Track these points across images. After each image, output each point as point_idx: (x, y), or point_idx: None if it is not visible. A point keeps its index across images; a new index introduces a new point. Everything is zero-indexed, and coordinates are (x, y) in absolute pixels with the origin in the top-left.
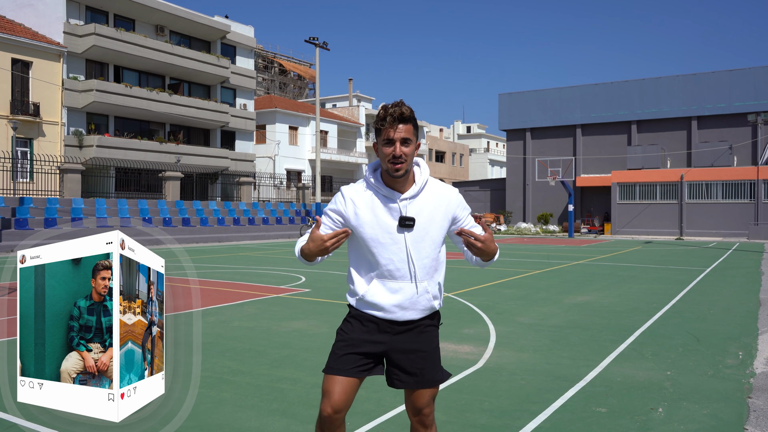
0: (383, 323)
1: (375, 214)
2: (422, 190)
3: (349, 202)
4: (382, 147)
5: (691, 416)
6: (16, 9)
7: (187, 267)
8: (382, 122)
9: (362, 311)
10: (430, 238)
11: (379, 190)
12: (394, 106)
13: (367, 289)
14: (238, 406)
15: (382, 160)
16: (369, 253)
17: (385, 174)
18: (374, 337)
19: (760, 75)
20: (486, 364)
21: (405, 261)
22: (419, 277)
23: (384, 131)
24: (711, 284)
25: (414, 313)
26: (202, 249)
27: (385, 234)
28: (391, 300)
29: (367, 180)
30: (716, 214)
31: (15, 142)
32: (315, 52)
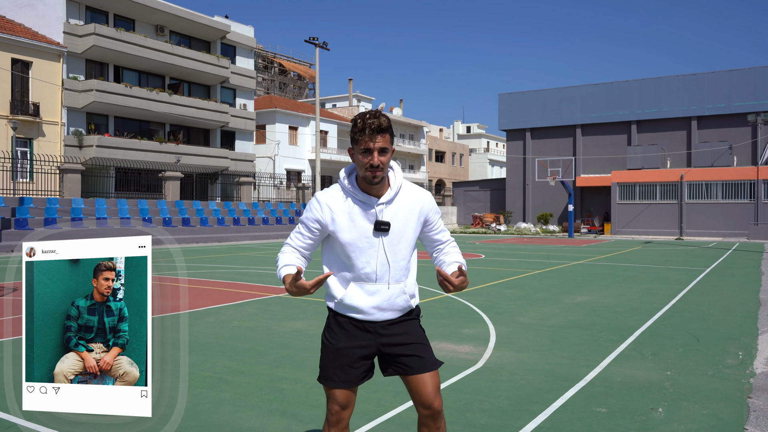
0: (364, 325)
1: (352, 219)
2: (397, 194)
3: (326, 208)
4: (359, 155)
5: (691, 416)
6: (16, 9)
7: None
8: (361, 133)
9: (342, 314)
10: (405, 240)
11: (356, 196)
12: (372, 117)
13: (345, 292)
14: (238, 406)
15: (358, 167)
16: (345, 257)
17: (360, 179)
18: (359, 340)
19: (760, 75)
20: (486, 364)
21: (382, 264)
22: (395, 278)
23: (362, 141)
24: (711, 284)
25: (392, 314)
26: (202, 249)
27: (363, 238)
28: (369, 302)
29: (343, 185)
30: (716, 214)
31: (15, 142)
32: (315, 52)
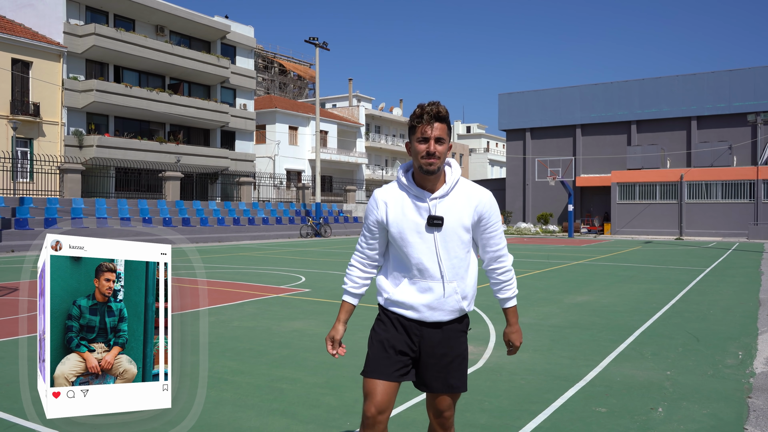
0: (412, 325)
1: (404, 214)
2: (452, 189)
3: (382, 204)
4: (416, 144)
5: (691, 416)
6: (16, 9)
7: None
8: (419, 119)
9: (391, 310)
10: (458, 238)
11: (410, 190)
12: (431, 105)
13: (396, 288)
14: (238, 406)
15: (414, 157)
16: (400, 251)
17: (417, 173)
18: (406, 339)
19: (760, 75)
20: (486, 364)
21: (434, 261)
22: (448, 278)
23: (419, 128)
24: (711, 284)
25: (443, 314)
26: (202, 249)
27: (414, 233)
28: (420, 299)
29: (399, 181)
30: (716, 214)
31: (15, 142)
32: (315, 52)
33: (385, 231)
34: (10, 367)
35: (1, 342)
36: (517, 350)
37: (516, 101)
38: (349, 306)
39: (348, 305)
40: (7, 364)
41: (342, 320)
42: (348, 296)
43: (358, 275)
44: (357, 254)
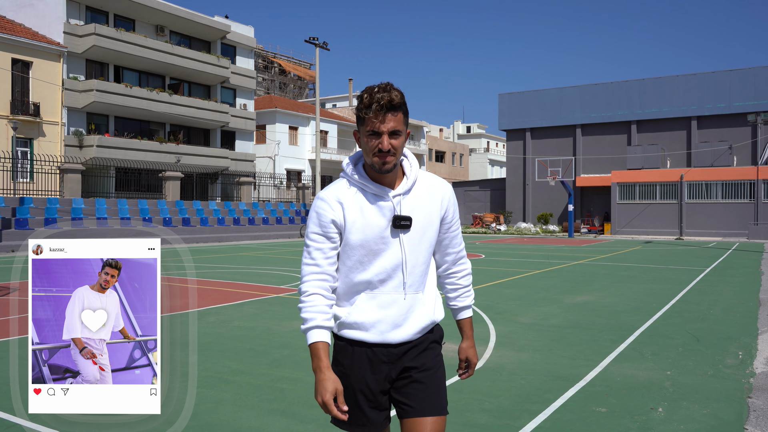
0: (376, 351)
1: (364, 216)
2: (415, 183)
3: (337, 205)
4: (366, 138)
5: (691, 416)
6: (16, 9)
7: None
8: (367, 110)
9: (348, 338)
10: (428, 239)
11: (366, 187)
12: (382, 91)
13: (351, 307)
14: (238, 405)
15: (365, 152)
16: (357, 262)
17: (369, 168)
18: (372, 376)
19: (760, 75)
20: (486, 364)
21: (399, 268)
22: (414, 287)
23: (368, 121)
24: (711, 284)
25: (409, 331)
26: (202, 249)
27: (378, 238)
28: (382, 316)
29: (349, 176)
30: (716, 214)
31: (15, 142)
32: (315, 52)
33: (341, 238)
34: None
35: (1, 342)
36: (473, 371)
37: (516, 101)
38: (326, 346)
39: (325, 345)
40: (8, 364)
41: (329, 366)
42: (321, 333)
43: (325, 302)
44: (314, 276)
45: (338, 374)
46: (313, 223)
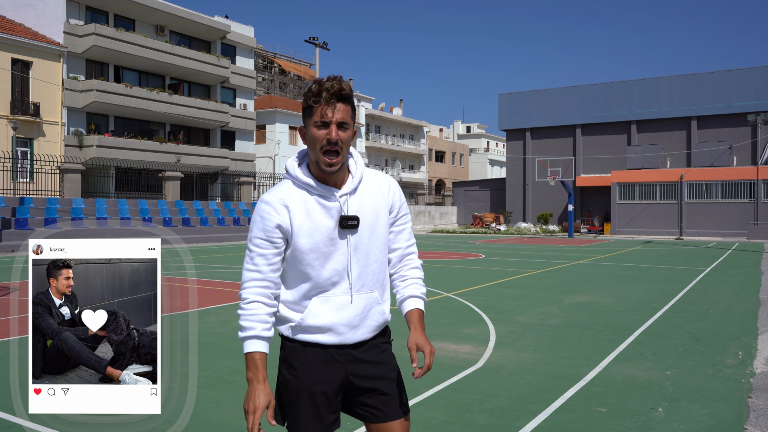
0: (332, 351)
1: (311, 218)
2: (361, 182)
3: (282, 210)
4: (313, 129)
5: (691, 416)
6: (16, 9)
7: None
8: (316, 98)
9: (302, 340)
10: (378, 238)
11: (312, 189)
12: (331, 80)
13: (306, 311)
14: (238, 405)
15: (311, 147)
16: (307, 266)
17: (313, 167)
18: (327, 376)
19: (760, 75)
20: (486, 364)
21: (350, 269)
22: (368, 287)
23: (317, 110)
24: (711, 284)
25: (365, 331)
26: (202, 249)
27: (326, 240)
28: (337, 318)
29: (293, 177)
30: (716, 214)
31: (15, 142)
32: (315, 52)
33: (286, 244)
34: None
35: (1, 342)
36: (431, 364)
37: (516, 101)
38: (264, 357)
39: (263, 356)
40: (8, 364)
41: (265, 378)
42: (260, 343)
43: (266, 311)
44: (255, 282)
45: (289, 377)
46: (257, 228)
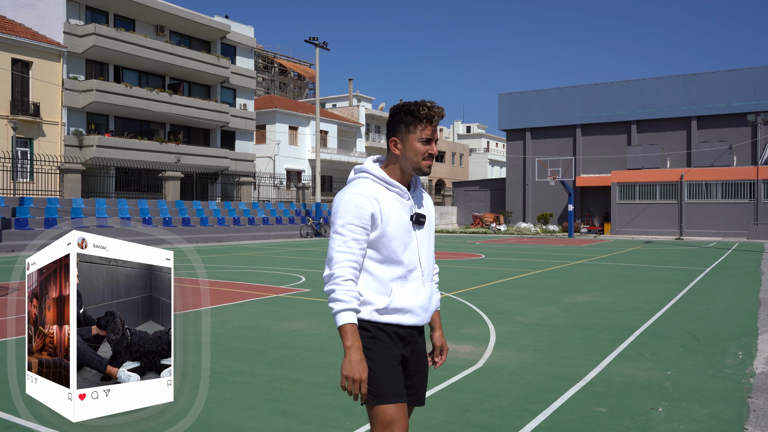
0: (406, 333)
1: (395, 210)
2: (417, 187)
3: (374, 201)
4: (417, 144)
5: (691, 416)
6: (16, 9)
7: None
8: (427, 120)
9: (386, 321)
10: (432, 237)
11: (391, 187)
12: (435, 106)
13: (392, 295)
14: (238, 405)
15: (412, 156)
16: (392, 252)
17: (393, 170)
18: (400, 351)
19: (760, 75)
20: (486, 364)
21: (418, 260)
22: (430, 277)
23: (421, 128)
24: (711, 284)
25: (428, 316)
26: (202, 249)
27: (405, 231)
28: (416, 301)
29: (376, 175)
30: (716, 214)
31: (15, 142)
32: (315, 52)
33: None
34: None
35: (1, 342)
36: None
37: (516, 101)
38: (357, 328)
39: (356, 327)
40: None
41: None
42: (354, 316)
43: (356, 289)
44: (348, 263)
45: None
46: (350, 215)
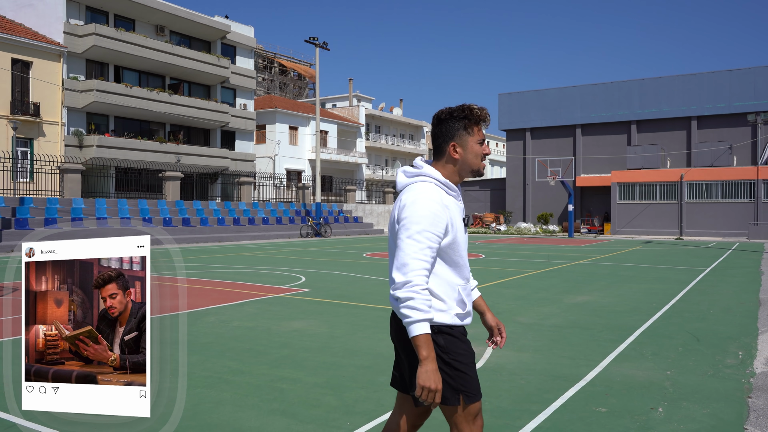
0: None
1: (458, 216)
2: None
3: (446, 209)
4: (476, 146)
5: (691, 416)
6: (17, 9)
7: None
8: (483, 124)
9: (462, 325)
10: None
11: (450, 191)
12: (485, 111)
13: (465, 297)
14: (238, 405)
15: (472, 157)
16: (459, 257)
17: (451, 173)
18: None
19: (760, 75)
20: (486, 364)
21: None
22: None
23: (478, 131)
24: (711, 284)
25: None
26: (202, 249)
27: (463, 235)
28: (471, 304)
29: (438, 179)
30: (716, 214)
31: (15, 142)
32: (315, 52)
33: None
34: (10, 367)
35: (1, 342)
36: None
37: (516, 101)
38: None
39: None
40: (7, 364)
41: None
42: (428, 326)
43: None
44: (424, 271)
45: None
46: (427, 222)
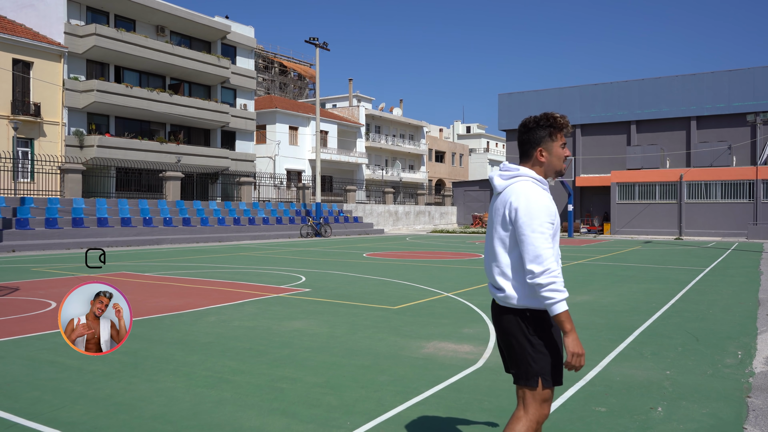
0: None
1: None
2: None
3: (552, 201)
4: (560, 150)
5: (691, 415)
6: (17, 9)
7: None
8: (565, 129)
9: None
10: None
11: (545, 187)
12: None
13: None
14: (238, 405)
15: (556, 160)
16: (556, 244)
17: (539, 173)
18: None
19: (760, 75)
20: (486, 363)
21: None
22: None
23: (561, 136)
24: (710, 284)
25: None
26: (203, 249)
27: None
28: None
29: (535, 178)
30: (715, 214)
31: (16, 142)
32: (315, 52)
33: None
34: (10, 366)
35: (1, 342)
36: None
37: (516, 101)
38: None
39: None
40: (7, 364)
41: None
42: (566, 303)
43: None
44: (553, 257)
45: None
46: (545, 214)
